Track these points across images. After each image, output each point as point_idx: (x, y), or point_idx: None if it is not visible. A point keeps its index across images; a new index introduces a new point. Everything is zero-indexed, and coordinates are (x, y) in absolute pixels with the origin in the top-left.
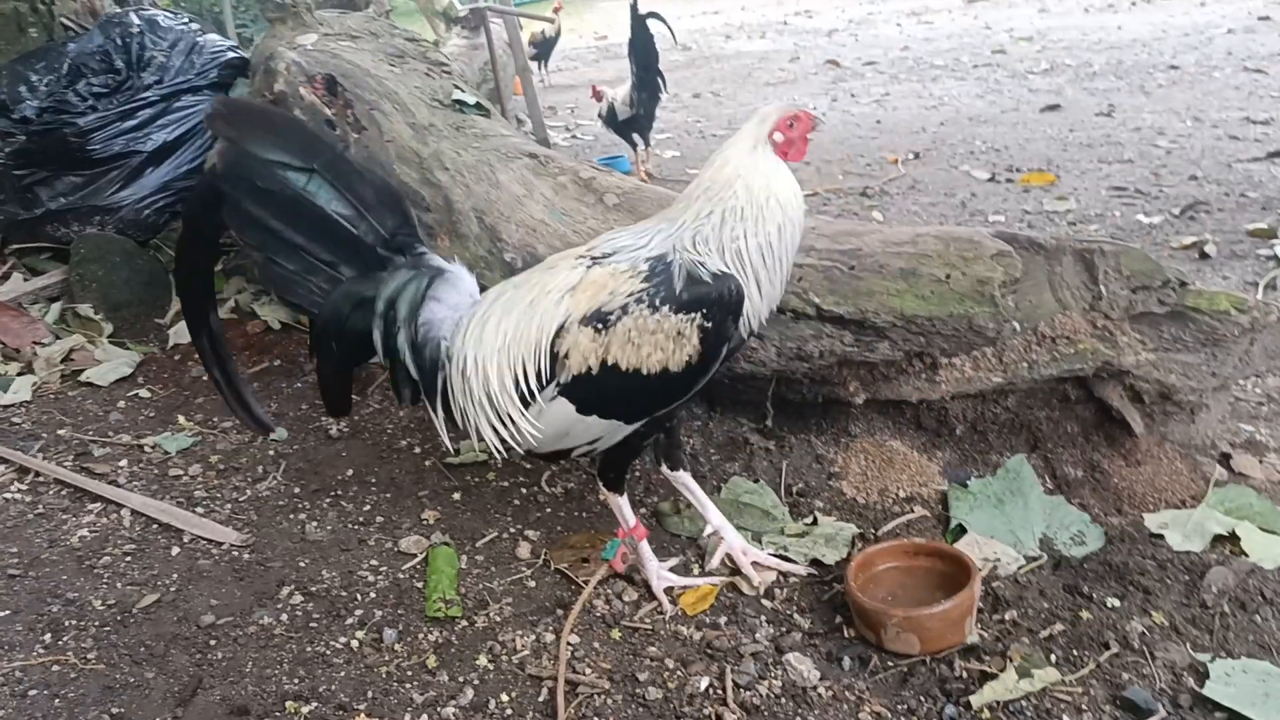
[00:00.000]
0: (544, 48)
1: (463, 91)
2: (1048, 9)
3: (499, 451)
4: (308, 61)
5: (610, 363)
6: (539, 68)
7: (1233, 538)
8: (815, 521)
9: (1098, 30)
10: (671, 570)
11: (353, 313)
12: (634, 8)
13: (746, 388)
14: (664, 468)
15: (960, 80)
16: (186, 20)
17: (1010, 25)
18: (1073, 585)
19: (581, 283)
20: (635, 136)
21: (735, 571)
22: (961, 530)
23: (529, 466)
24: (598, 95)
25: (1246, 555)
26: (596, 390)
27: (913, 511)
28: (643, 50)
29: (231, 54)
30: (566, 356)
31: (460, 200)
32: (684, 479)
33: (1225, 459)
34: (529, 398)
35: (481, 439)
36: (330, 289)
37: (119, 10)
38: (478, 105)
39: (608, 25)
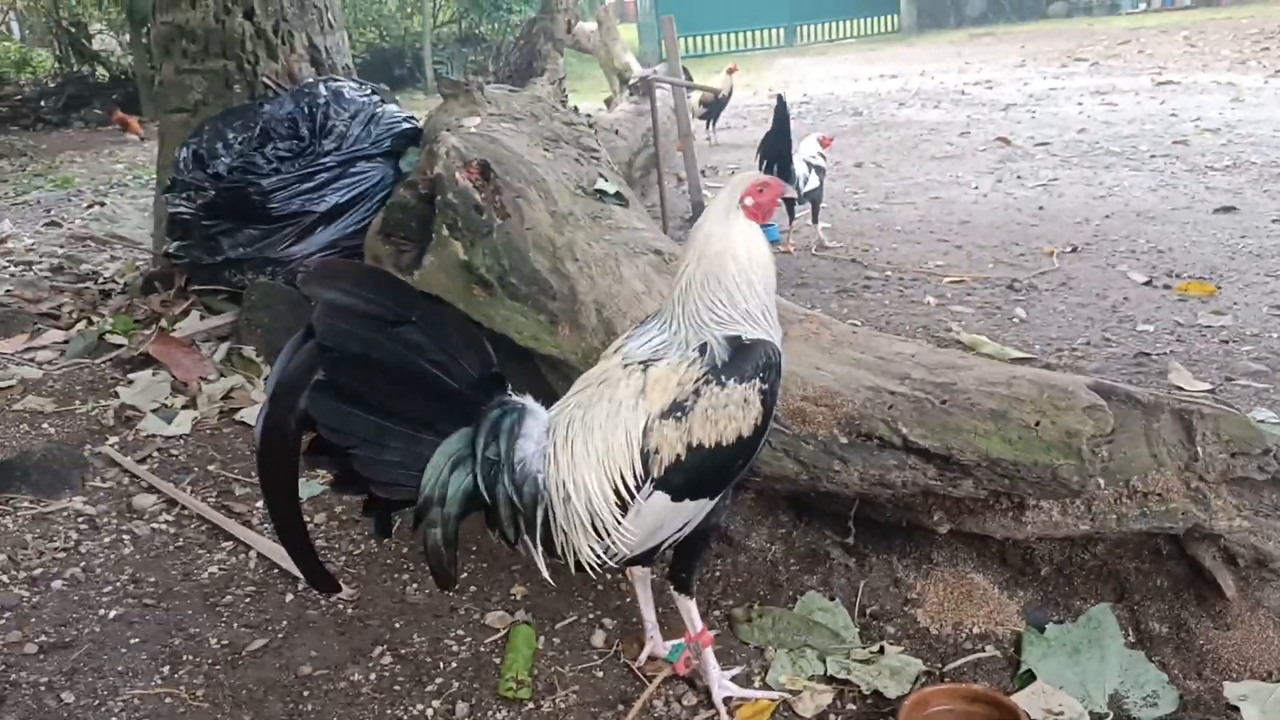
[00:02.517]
0: (714, 108)
1: (605, 180)
2: (1242, 99)
3: (597, 567)
4: (466, 146)
5: (695, 444)
6: (707, 127)
7: None
8: (883, 651)
9: None
10: (733, 679)
11: (454, 472)
12: (781, 101)
13: (832, 502)
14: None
15: (1134, 170)
16: (369, 92)
17: (1198, 114)
18: None
19: (648, 384)
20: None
21: (795, 691)
22: (1030, 677)
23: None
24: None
25: None
26: (688, 473)
27: (984, 650)
28: (775, 143)
29: (406, 124)
30: (657, 451)
31: (584, 292)
32: (684, 603)
33: None
34: (628, 502)
35: (579, 560)
36: (421, 468)
37: (310, 80)
38: (617, 195)
39: (783, 84)
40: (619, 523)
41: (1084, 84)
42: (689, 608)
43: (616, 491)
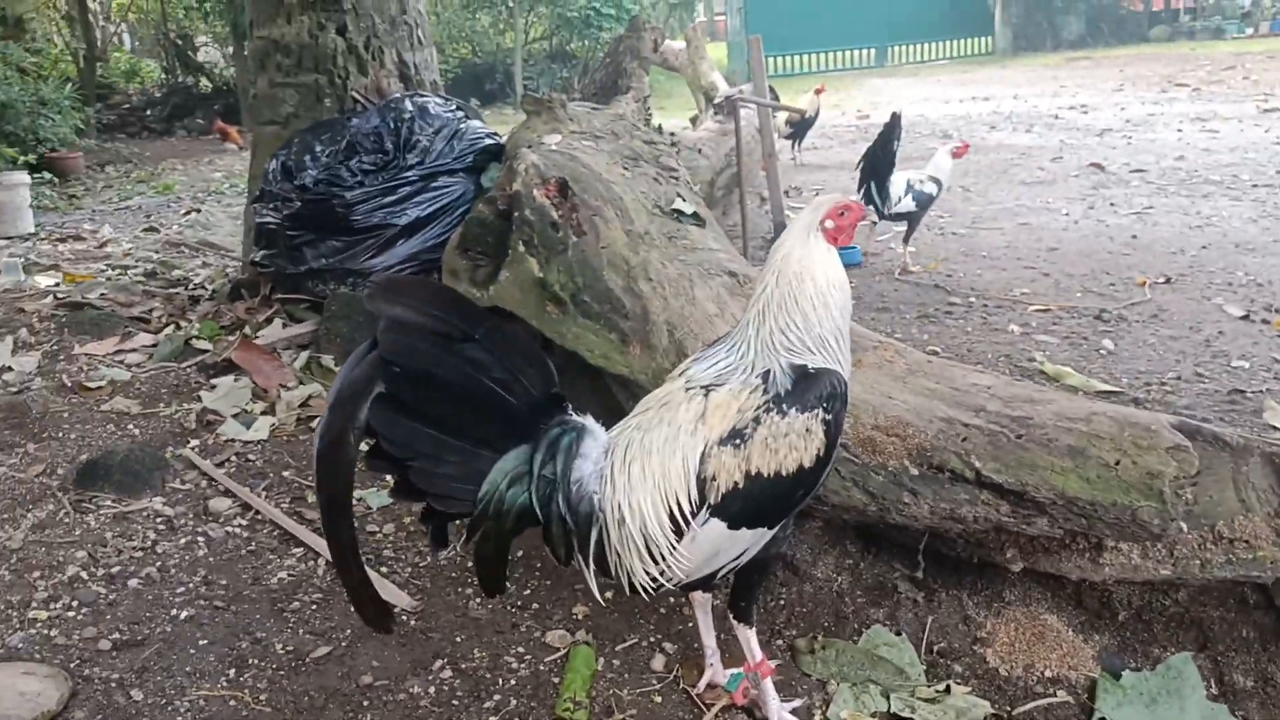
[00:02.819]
0: (799, 128)
1: (683, 200)
2: None
3: (650, 590)
4: (545, 163)
5: (754, 472)
6: (792, 147)
7: None
8: (949, 690)
9: None
10: (793, 712)
11: (511, 488)
12: (895, 118)
13: (901, 534)
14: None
15: (1234, 200)
16: (454, 107)
17: None
18: None
19: (708, 410)
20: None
21: None
22: None
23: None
24: None
25: None
26: (745, 501)
27: (1055, 695)
28: (876, 160)
29: (489, 140)
30: (715, 478)
31: (657, 312)
32: (743, 632)
33: None
34: (683, 528)
35: (632, 583)
36: (478, 483)
37: (396, 95)
38: (694, 215)
39: (871, 104)
40: (674, 548)
41: (1184, 110)
42: (748, 637)
43: (672, 517)
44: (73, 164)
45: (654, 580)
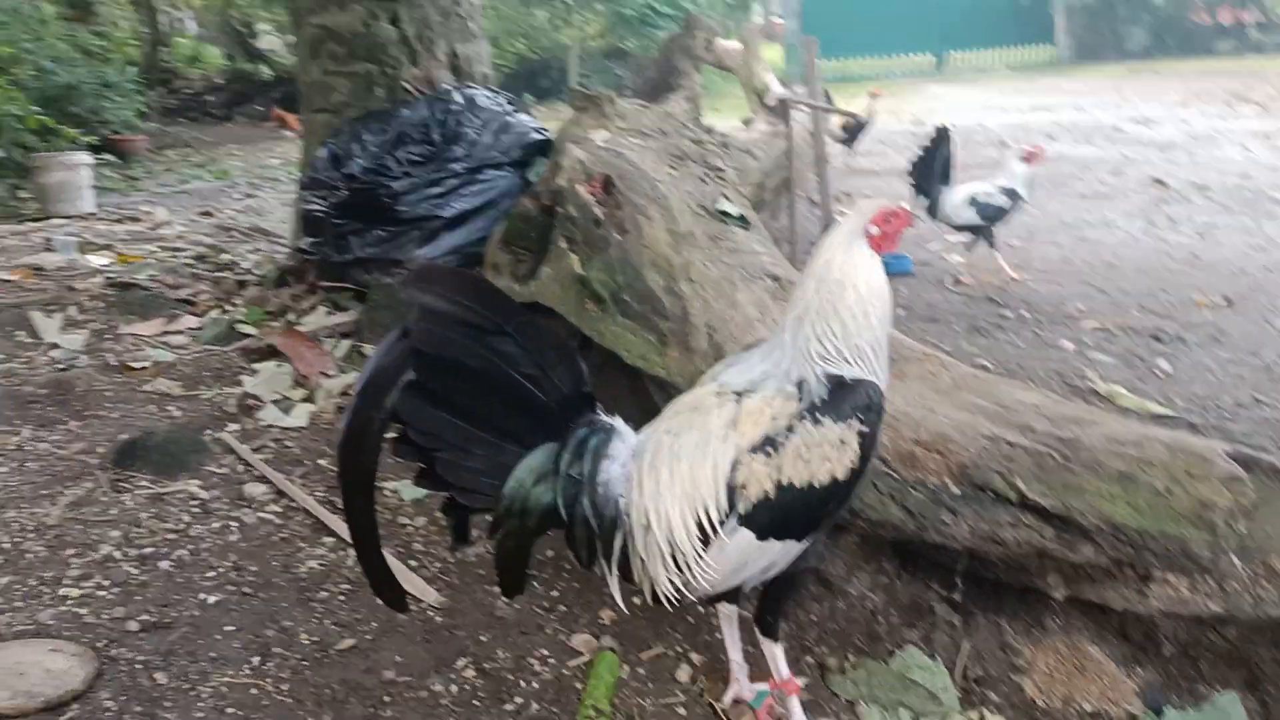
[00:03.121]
0: (854, 132)
1: (729, 201)
2: None
3: (674, 600)
4: (591, 160)
5: (785, 483)
6: (846, 151)
7: None
8: (983, 719)
9: None
10: None
11: (536, 486)
12: (942, 134)
13: (939, 553)
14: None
15: None
16: (503, 101)
17: None
18: None
19: (740, 416)
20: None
21: None
22: None
23: None
24: None
25: None
26: (775, 512)
27: None
28: (919, 174)
29: (536, 134)
30: (744, 487)
31: (697, 314)
32: (770, 648)
33: None
34: (711, 536)
35: (655, 591)
36: (503, 478)
37: (446, 87)
38: (740, 217)
39: (929, 111)
40: (700, 557)
41: (1251, 127)
42: (775, 653)
43: (699, 524)
44: (135, 146)
45: (678, 590)
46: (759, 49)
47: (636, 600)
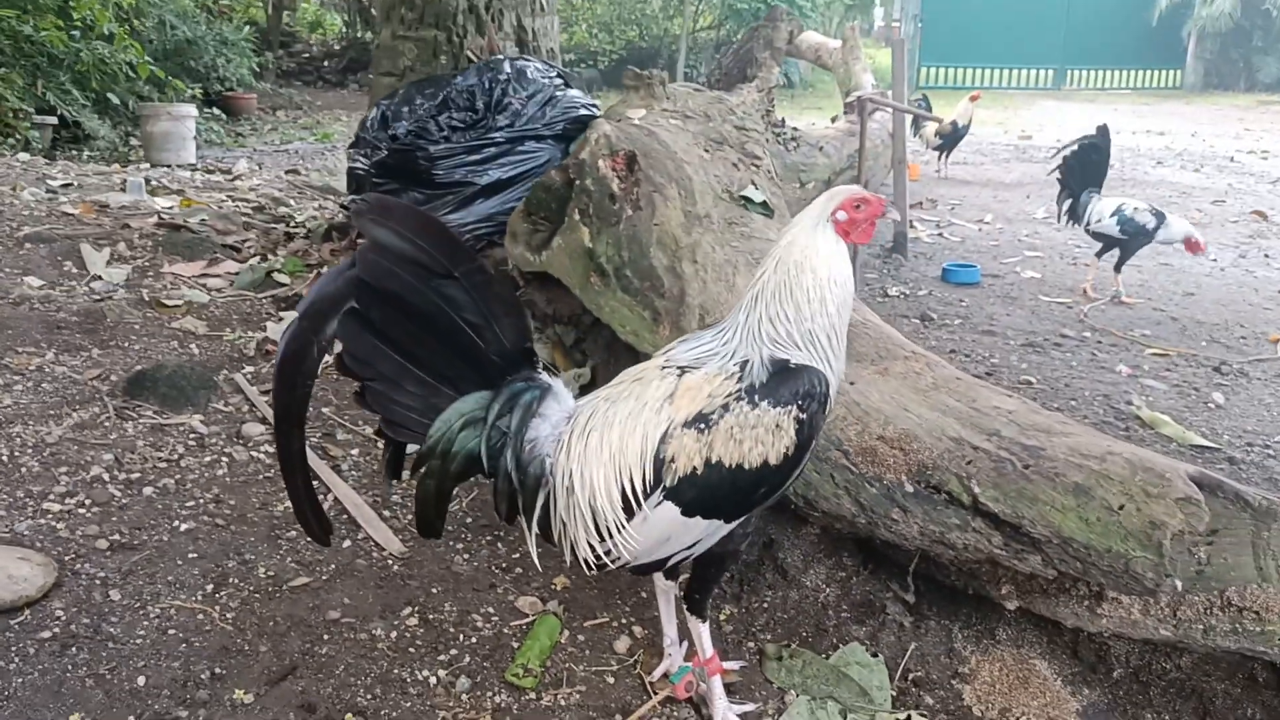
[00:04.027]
0: (949, 140)
1: (755, 188)
2: None
3: (592, 566)
4: (618, 136)
5: (714, 460)
6: (939, 158)
7: None
8: (909, 719)
9: None
10: (743, 715)
11: (462, 431)
12: (1102, 132)
13: (898, 553)
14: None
15: None
16: (554, 74)
17: None
18: None
19: (678, 390)
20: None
21: None
22: None
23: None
24: None
25: None
26: (701, 489)
27: None
28: (1069, 171)
29: (584, 110)
30: (673, 460)
31: (693, 296)
32: (695, 626)
33: None
34: (635, 507)
35: (574, 554)
36: (432, 418)
37: (500, 57)
38: (763, 204)
39: (1037, 126)
40: (622, 526)
41: None
42: (700, 631)
43: (623, 493)
44: (246, 104)
45: (598, 557)
46: (859, 49)
47: (536, 559)
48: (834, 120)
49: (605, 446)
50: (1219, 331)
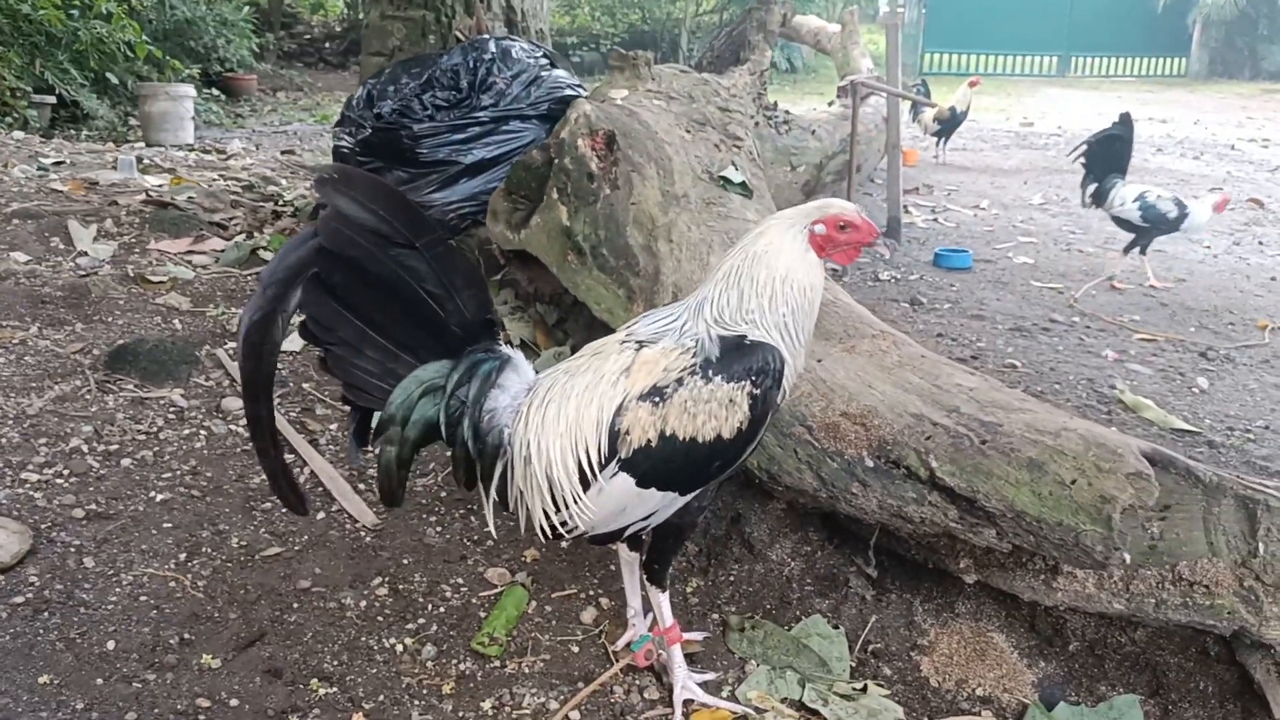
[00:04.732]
0: (948, 126)
1: (735, 169)
2: None
3: (548, 535)
4: (598, 115)
5: (668, 433)
6: (938, 144)
7: None
8: (866, 689)
9: None
10: (703, 685)
11: (421, 399)
12: (1125, 120)
13: (862, 527)
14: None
15: None
16: (540, 55)
17: None
18: None
19: (635, 364)
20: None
21: (761, 710)
22: None
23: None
24: None
25: None
26: (656, 461)
27: (979, 715)
28: (1091, 157)
29: (570, 90)
30: (627, 433)
31: (667, 274)
32: (655, 596)
33: None
34: (590, 478)
35: (531, 523)
36: (392, 384)
37: (486, 37)
38: (742, 185)
39: (1040, 113)
40: (579, 497)
41: None
42: (659, 601)
43: (580, 465)
44: (245, 85)
45: (554, 527)
46: (858, 34)
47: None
48: (830, 105)
49: (562, 418)
50: (1208, 317)
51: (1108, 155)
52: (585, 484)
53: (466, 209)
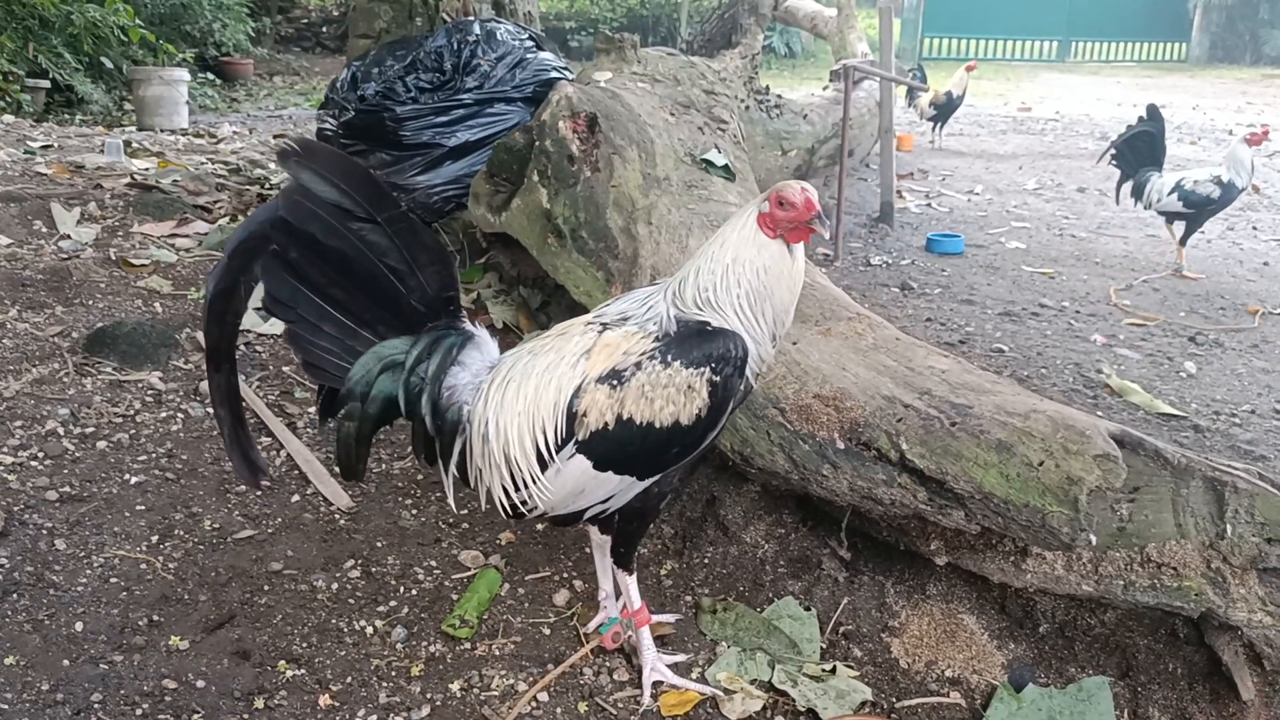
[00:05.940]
0: (944, 110)
1: (718, 152)
2: None
3: (508, 513)
4: (580, 98)
5: (625, 417)
6: (934, 129)
7: None
8: (834, 670)
9: None
10: (672, 666)
11: (381, 375)
12: (1153, 112)
13: (834, 508)
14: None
15: None
16: (525, 37)
17: None
18: None
19: (596, 346)
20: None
21: (730, 691)
22: None
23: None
24: None
25: None
26: (612, 445)
27: (948, 696)
28: (1119, 152)
29: (555, 73)
30: (585, 415)
31: (646, 257)
32: (623, 579)
33: None
34: (547, 459)
35: (491, 501)
36: (351, 361)
37: (471, 19)
38: (725, 168)
39: (1039, 98)
40: (536, 477)
41: None
42: (628, 583)
43: (537, 446)
44: (241, 69)
45: (515, 506)
46: (854, 17)
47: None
48: (824, 89)
49: (521, 397)
50: (1199, 302)
51: (1138, 151)
52: (543, 464)
53: (450, 192)
